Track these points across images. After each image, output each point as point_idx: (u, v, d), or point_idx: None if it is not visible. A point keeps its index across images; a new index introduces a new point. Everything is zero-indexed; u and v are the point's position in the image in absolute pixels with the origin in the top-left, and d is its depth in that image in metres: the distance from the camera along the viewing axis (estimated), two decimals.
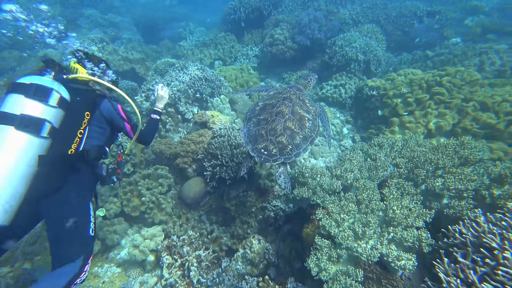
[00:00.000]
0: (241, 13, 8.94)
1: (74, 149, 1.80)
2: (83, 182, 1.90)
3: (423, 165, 2.49)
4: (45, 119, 1.64)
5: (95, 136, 2.00)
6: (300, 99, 2.82)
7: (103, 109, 2.05)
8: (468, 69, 4.88)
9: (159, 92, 2.58)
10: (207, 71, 5.93)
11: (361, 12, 8.15)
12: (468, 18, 9.68)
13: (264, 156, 2.52)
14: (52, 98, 1.69)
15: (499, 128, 3.84)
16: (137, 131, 2.17)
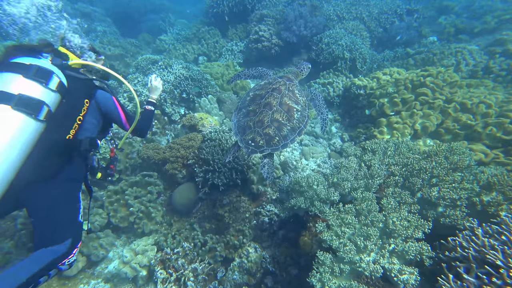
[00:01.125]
0: (224, 7, 8.64)
1: (72, 135, 1.77)
2: (75, 171, 1.88)
3: (418, 174, 2.56)
4: (44, 102, 1.58)
5: (88, 127, 1.94)
6: (290, 89, 2.83)
7: (98, 99, 2.01)
8: (448, 70, 5.07)
9: (152, 82, 2.55)
10: (193, 70, 5.71)
11: (345, 8, 8.17)
12: (441, 16, 10.08)
13: (252, 147, 2.60)
14: (52, 82, 1.64)
15: (477, 129, 4.05)
16: (135, 121, 2.13)
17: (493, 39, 7.20)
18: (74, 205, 1.82)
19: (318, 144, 5.52)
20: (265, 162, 2.72)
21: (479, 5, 10.22)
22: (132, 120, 2.16)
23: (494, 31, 8.07)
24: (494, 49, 6.66)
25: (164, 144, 5.10)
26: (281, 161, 4.84)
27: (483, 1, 10.56)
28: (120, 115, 2.12)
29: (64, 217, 1.75)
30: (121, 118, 2.13)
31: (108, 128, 2.24)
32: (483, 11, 9.76)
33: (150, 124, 2.38)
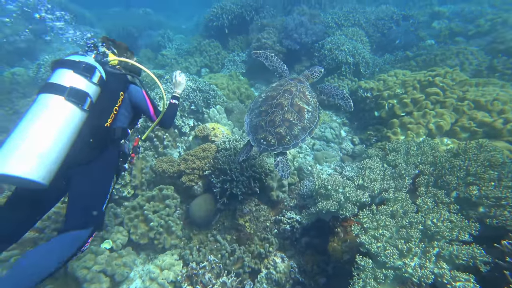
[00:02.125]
0: (224, 20, 8.77)
1: (110, 123, 1.98)
2: (111, 157, 2.06)
3: (451, 172, 2.51)
4: (88, 94, 1.80)
5: (121, 118, 2.14)
6: (301, 91, 2.90)
7: (131, 93, 2.22)
8: (455, 70, 5.14)
9: (176, 78, 2.69)
10: (199, 82, 5.71)
11: (342, 16, 8.34)
12: (434, 21, 10.39)
13: (263, 146, 2.68)
14: (95, 76, 1.87)
15: (496, 126, 4.03)
16: (161, 113, 2.35)
17: (491, 39, 7.37)
18: (104, 194, 1.98)
19: (329, 148, 5.49)
20: (279, 161, 2.77)
21: (469, 10, 10.59)
22: (159, 113, 2.38)
23: (488, 32, 8.29)
24: (496, 46, 6.79)
25: (176, 156, 5.02)
26: (296, 167, 4.78)
27: (472, 6, 10.95)
28: (148, 108, 2.33)
29: (95, 202, 1.91)
30: (150, 110, 2.34)
31: (137, 119, 2.46)
32: (474, 15, 10.12)
33: (175, 116, 2.57)
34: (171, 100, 2.58)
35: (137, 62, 2.32)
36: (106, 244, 3.23)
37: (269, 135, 2.67)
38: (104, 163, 1.99)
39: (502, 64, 6.11)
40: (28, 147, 1.53)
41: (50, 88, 1.72)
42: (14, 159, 1.48)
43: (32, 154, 1.52)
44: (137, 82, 2.37)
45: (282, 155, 2.80)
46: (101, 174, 1.98)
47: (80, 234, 1.76)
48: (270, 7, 9.79)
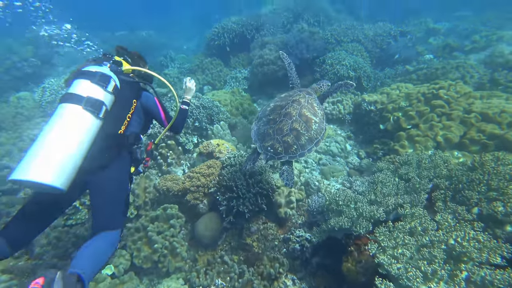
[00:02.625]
0: (225, 38, 8.98)
1: (123, 130, 2.05)
2: (124, 163, 2.14)
3: (470, 186, 2.41)
4: (103, 102, 1.88)
5: (134, 124, 2.22)
6: (309, 102, 2.95)
7: (143, 100, 2.31)
8: (458, 83, 5.14)
9: (187, 84, 2.79)
10: (203, 99, 5.72)
11: (341, 32, 8.52)
12: (430, 37, 10.66)
13: (270, 153, 2.71)
14: (110, 85, 1.95)
15: (508, 138, 3.95)
16: (173, 118, 2.42)
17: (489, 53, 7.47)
18: (126, 194, 2.09)
19: (335, 163, 5.40)
20: (284, 169, 2.79)
21: (463, 28, 10.92)
22: (170, 118, 2.47)
23: (485, 48, 8.46)
24: (495, 59, 6.87)
25: (180, 174, 4.93)
26: (303, 182, 4.67)
27: (466, 24, 11.29)
28: (160, 114, 2.42)
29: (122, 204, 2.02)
30: (161, 116, 2.43)
31: (149, 124, 2.55)
32: (468, 32, 10.43)
33: (185, 121, 2.67)
34: (181, 106, 2.64)
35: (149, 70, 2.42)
36: (108, 270, 3.07)
37: (276, 143, 2.70)
38: (119, 168, 2.06)
39: (504, 77, 6.14)
40: (48, 155, 1.62)
41: (69, 98, 1.83)
42: (36, 166, 1.57)
43: (52, 161, 1.61)
44: (149, 89, 2.48)
45: (288, 164, 2.83)
46: (119, 178, 2.06)
47: (114, 235, 1.91)
48: (270, 26, 10.05)
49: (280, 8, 11.33)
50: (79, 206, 3.59)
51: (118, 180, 2.06)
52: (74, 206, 3.58)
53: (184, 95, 2.78)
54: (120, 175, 2.08)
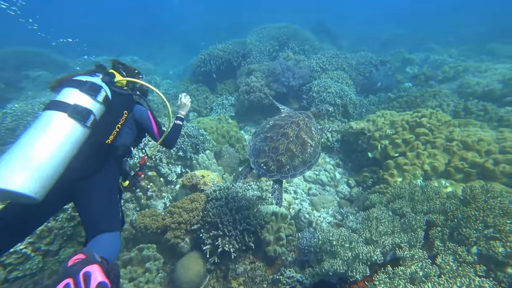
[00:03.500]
0: (211, 65, 9.04)
1: (111, 140, 2.00)
2: (112, 173, 2.06)
3: (467, 223, 2.29)
4: (92, 111, 1.84)
5: (124, 136, 2.18)
6: (307, 125, 3.00)
7: (136, 113, 2.28)
8: (438, 111, 5.28)
9: (182, 100, 2.83)
10: (188, 126, 5.54)
11: (326, 61, 8.80)
12: (407, 67, 11.29)
13: (263, 170, 2.73)
14: (100, 95, 1.91)
15: (488, 167, 4.00)
16: (165, 132, 2.40)
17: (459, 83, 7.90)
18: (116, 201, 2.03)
19: (325, 192, 5.24)
20: (276, 188, 2.82)
21: (434, 59, 11.74)
22: (163, 132, 2.43)
23: (454, 78, 9.01)
24: (464, 90, 7.24)
25: (161, 208, 4.60)
26: (292, 215, 4.45)
27: (436, 55, 12.15)
28: (153, 127, 2.38)
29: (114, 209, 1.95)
30: (154, 130, 2.38)
31: (141, 138, 2.49)
32: (438, 63, 11.17)
33: (178, 136, 2.62)
34: (175, 121, 2.65)
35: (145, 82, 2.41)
36: None
37: (270, 161, 2.73)
38: (105, 178, 1.99)
39: (475, 106, 6.41)
40: (23, 161, 1.52)
41: (54, 105, 1.78)
42: (7, 172, 1.46)
43: (26, 168, 1.50)
44: (142, 103, 2.45)
45: (278, 183, 2.85)
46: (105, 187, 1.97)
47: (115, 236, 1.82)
48: (256, 53, 10.28)
49: (266, 36, 11.72)
50: (30, 253, 2.99)
51: (104, 189, 1.97)
52: (24, 253, 2.96)
53: (179, 110, 2.80)
54: (106, 184, 1.99)
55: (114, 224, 1.87)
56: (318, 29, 16.26)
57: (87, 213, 1.84)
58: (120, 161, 2.18)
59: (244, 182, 4.94)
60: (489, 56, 12.36)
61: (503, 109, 6.54)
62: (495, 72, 7.94)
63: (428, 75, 9.42)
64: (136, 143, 2.44)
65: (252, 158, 2.86)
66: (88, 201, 1.86)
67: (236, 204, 3.85)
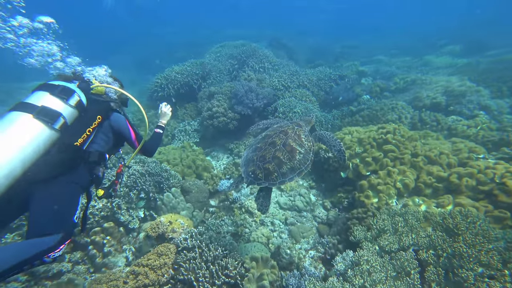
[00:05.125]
0: (170, 90, 8.52)
1: (80, 143, 1.96)
2: (79, 177, 2.01)
3: (461, 262, 2.20)
4: (61, 114, 1.85)
5: (99, 142, 2.17)
6: (297, 133, 3.07)
7: (113, 120, 2.28)
8: (400, 126, 5.49)
9: (162, 109, 2.85)
10: (148, 164, 4.98)
11: (288, 78, 8.86)
12: (362, 79, 12.00)
13: (251, 178, 2.83)
14: (72, 99, 1.95)
15: (452, 181, 4.16)
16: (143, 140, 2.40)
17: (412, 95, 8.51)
18: (71, 205, 1.93)
19: (302, 218, 5.04)
20: (261, 195, 2.90)
21: (384, 71, 12.67)
22: (141, 139, 2.43)
23: (405, 89, 9.72)
24: (417, 104, 7.80)
25: (121, 264, 3.95)
26: (272, 252, 4.13)
27: (385, 67, 13.13)
28: (130, 135, 2.40)
29: (60, 213, 1.84)
30: (131, 137, 2.40)
31: (119, 146, 2.48)
32: (388, 74, 12.07)
33: (158, 145, 2.67)
34: (156, 129, 2.70)
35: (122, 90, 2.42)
36: None
37: (257, 169, 2.81)
38: (70, 181, 1.93)
39: (429, 117, 6.89)
40: None
41: (20, 107, 1.76)
42: None
43: None
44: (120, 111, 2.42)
45: (266, 190, 2.91)
46: (65, 191, 1.91)
47: (43, 240, 1.70)
48: (216, 73, 10.02)
49: (224, 55, 11.55)
50: None
51: (65, 190, 1.91)
52: None
53: (159, 119, 2.82)
54: (70, 187, 1.94)
55: (51, 228, 1.76)
56: (274, 44, 16.70)
57: (31, 213, 1.76)
58: (93, 167, 2.14)
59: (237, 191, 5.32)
60: (426, 67, 13.74)
61: (449, 118, 7.12)
62: (438, 85, 8.72)
63: (382, 87, 10.02)
64: (113, 151, 2.44)
65: (243, 168, 2.98)
66: (38, 201, 1.79)
67: (211, 253, 3.43)
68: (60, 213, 1.85)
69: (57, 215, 1.83)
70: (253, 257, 3.58)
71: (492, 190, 3.87)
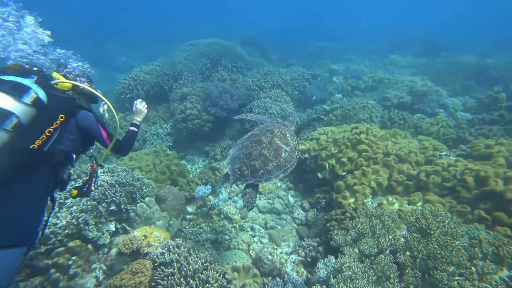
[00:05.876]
0: (138, 91, 8.07)
1: (38, 145, 1.82)
2: (42, 181, 1.90)
3: (435, 263, 2.31)
4: (13, 113, 1.70)
5: (64, 142, 2.03)
6: (282, 133, 3.13)
7: (80, 119, 2.12)
8: (372, 126, 5.71)
9: (137, 106, 2.74)
10: (118, 173, 4.65)
11: (262, 78, 8.82)
12: (334, 77, 12.34)
13: (237, 175, 2.85)
14: (27, 96, 1.77)
15: (421, 178, 4.41)
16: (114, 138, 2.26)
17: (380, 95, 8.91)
18: (36, 212, 1.83)
19: (282, 221, 5.05)
20: (247, 191, 2.87)
21: (353, 69, 13.14)
22: (112, 138, 2.29)
23: (373, 88, 10.16)
24: (385, 103, 8.19)
25: (91, 286, 3.65)
26: (254, 259, 4.08)
27: (354, 66, 13.62)
28: (101, 133, 2.25)
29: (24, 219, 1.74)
30: (102, 136, 2.26)
31: (88, 145, 2.33)
32: (357, 73, 12.54)
33: (132, 143, 2.59)
34: (130, 127, 2.58)
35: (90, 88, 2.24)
36: None
37: (244, 166, 2.84)
38: (31, 185, 1.81)
39: (397, 116, 7.27)
40: None
41: None
42: None
43: None
44: (88, 108, 2.24)
45: (252, 187, 2.89)
46: (26, 194, 1.78)
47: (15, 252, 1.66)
48: (188, 74, 9.69)
49: (196, 54, 11.20)
50: None
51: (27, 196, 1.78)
52: None
53: (134, 117, 2.70)
54: (31, 192, 1.81)
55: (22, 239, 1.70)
56: (247, 42, 16.57)
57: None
58: (58, 169, 2.00)
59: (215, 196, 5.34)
60: (392, 66, 14.51)
61: (415, 116, 7.57)
62: (403, 84, 9.25)
63: (353, 85, 10.37)
64: (82, 150, 2.30)
65: (229, 166, 3.00)
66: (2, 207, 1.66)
67: (191, 267, 3.28)
68: (26, 222, 1.74)
69: (22, 224, 1.72)
70: (234, 267, 3.50)
71: (455, 187, 4.17)
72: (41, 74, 2.02)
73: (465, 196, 3.98)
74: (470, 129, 6.36)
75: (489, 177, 3.87)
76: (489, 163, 4.42)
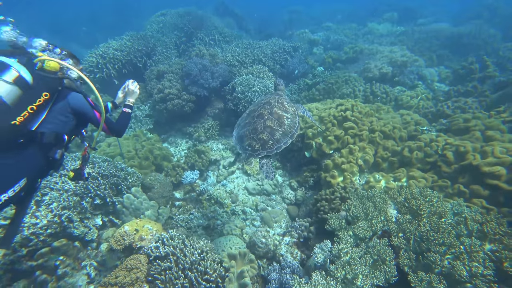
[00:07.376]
0: (109, 70, 7.37)
1: (20, 122, 1.79)
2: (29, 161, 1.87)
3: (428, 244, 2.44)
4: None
5: (55, 122, 2.03)
6: (279, 102, 3.22)
7: (71, 100, 2.12)
8: (357, 102, 5.71)
9: (129, 87, 2.69)
10: (99, 164, 4.35)
11: (242, 53, 8.37)
12: (314, 48, 12.02)
13: (249, 151, 2.92)
14: (7, 74, 1.77)
15: (405, 154, 4.57)
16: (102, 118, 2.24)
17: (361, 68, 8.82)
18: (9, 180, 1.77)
19: (272, 202, 5.12)
20: (263, 163, 2.98)
21: (334, 39, 12.81)
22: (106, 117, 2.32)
23: (354, 60, 10.02)
24: (367, 75, 8.15)
25: (82, 284, 3.55)
26: (248, 243, 4.15)
27: (335, 36, 13.28)
28: (94, 114, 2.26)
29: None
30: (96, 116, 2.26)
31: (81, 127, 2.36)
32: (338, 43, 12.28)
33: (127, 124, 2.59)
34: (124, 109, 2.59)
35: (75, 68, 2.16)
36: None
37: (253, 141, 2.91)
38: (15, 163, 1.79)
39: (379, 90, 7.31)
40: None
41: None
42: None
43: None
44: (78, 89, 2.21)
45: (266, 158, 2.99)
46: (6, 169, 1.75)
47: None
48: (162, 49, 8.94)
49: (168, 26, 10.28)
50: None
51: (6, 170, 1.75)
52: None
53: (126, 98, 2.66)
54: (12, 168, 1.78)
55: None
56: (222, 11, 15.44)
57: None
58: (48, 150, 1.98)
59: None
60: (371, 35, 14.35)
61: (395, 89, 7.67)
62: (383, 55, 9.21)
63: (334, 58, 10.19)
64: (74, 132, 2.28)
65: (238, 145, 3.08)
66: None
67: (188, 259, 3.27)
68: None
69: None
70: (230, 254, 3.53)
71: (436, 162, 4.37)
72: (24, 53, 2.02)
73: (446, 171, 4.20)
74: (447, 101, 6.58)
75: (468, 151, 4.07)
76: (467, 137, 4.65)
